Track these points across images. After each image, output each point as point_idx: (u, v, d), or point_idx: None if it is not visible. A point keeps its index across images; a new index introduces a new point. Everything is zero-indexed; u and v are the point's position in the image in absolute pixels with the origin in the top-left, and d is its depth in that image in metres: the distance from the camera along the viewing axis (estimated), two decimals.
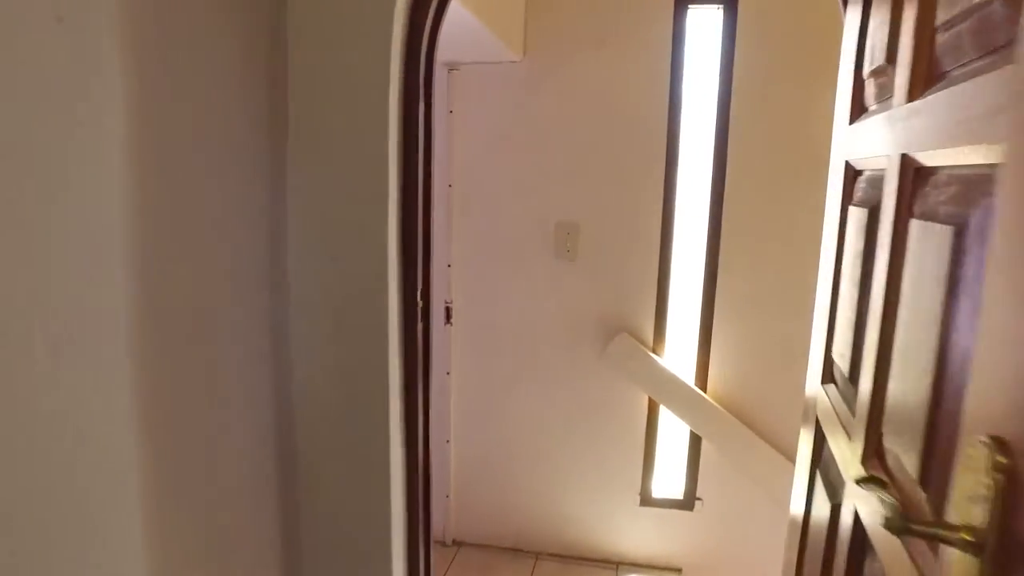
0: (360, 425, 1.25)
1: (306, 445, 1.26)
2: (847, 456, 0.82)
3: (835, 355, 1.00)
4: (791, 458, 2.23)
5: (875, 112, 0.86)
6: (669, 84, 2.10)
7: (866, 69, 0.93)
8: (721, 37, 2.05)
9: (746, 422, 2.20)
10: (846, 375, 0.90)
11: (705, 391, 2.22)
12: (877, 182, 0.82)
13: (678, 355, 2.25)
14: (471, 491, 2.46)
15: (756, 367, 2.18)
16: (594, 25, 2.11)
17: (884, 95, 0.82)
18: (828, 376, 1.04)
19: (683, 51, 2.09)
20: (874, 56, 0.87)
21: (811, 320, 2.13)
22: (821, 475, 1.03)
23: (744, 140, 2.08)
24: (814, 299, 2.10)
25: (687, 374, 2.23)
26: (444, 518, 2.47)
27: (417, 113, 1.23)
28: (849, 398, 0.88)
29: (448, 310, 2.33)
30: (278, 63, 1.16)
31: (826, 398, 1.01)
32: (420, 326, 1.34)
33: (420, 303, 1.34)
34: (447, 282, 2.31)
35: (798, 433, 2.21)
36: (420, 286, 1.35)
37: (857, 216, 0.91)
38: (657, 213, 2.16)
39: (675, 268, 2.20)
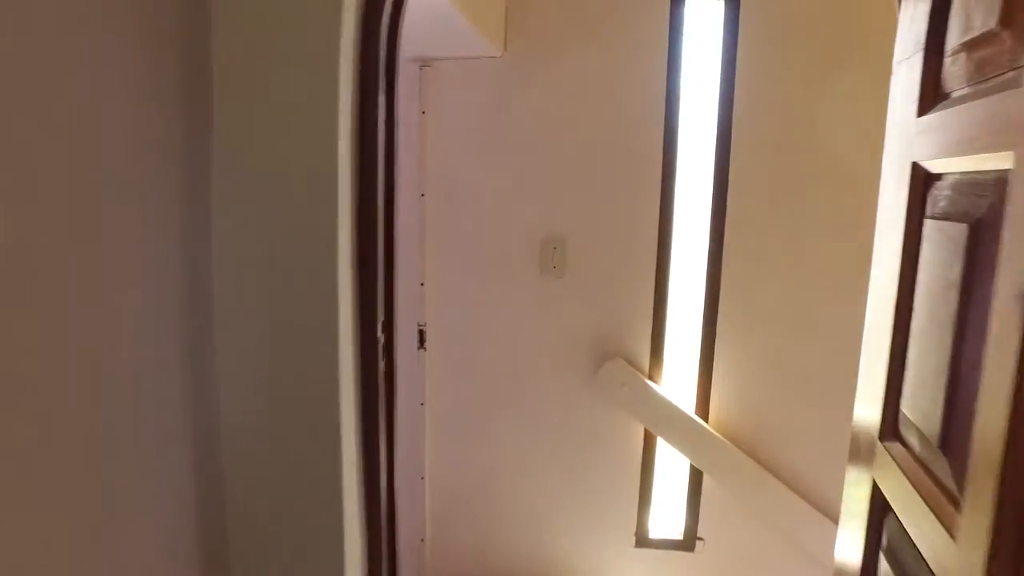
0: (305, 488, 1.01)
1: (237, 524, 1.02)
2: (950, 559, 0.61)
3: (907, 410, 0.78)
4: (802, 494, 2.03)
5: (971, 97, 0.66)
6: (666, 83, 1.90)
7: (951, 43, 0.72)
8: (722, 31, 1.86)
9: (752, 455, 1.99)
10: (934, 442, 0.69)
11: (707, 421, 2.01)
12: (985, 188, 0.61)
13: (677, 381, 2.04)
14: (448, 533, 2.21)
15: (763, 394, 1.97)
16: (583, 17, 1.90)
17: (991, 72, 0.61)
18: (892, 432, 0.83)
19: (680, 46, 1.89)
20: (969, 24, 0.66)
21: (827, 343, 1.94)
22: (887, 558, 0.81)
23: (749, 144, 1.88)
24: (830, 320, 1.92)
25: (687, 402, 2.01)
26: (419, 563, 2.22)
27: (375, 107, 1.01)
28: (941, 472, 0.67)
29: (421, 333, 2.09)
30: (196, 40, 0.92)
31: (891, 461, 0.80)
32: (382, 364, 1.11)
33: (381, 336, 1.11)
34: (420, 302, 2.07)
35: (810, 467, 2.02)
36: (382, 315, 1.12)
37: (942, 233, 0.70)
38: (653, 225, 1.95)
39: (673, 286, 1.99)
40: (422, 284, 2.06)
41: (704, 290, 1.96)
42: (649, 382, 2.00)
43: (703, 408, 2.01)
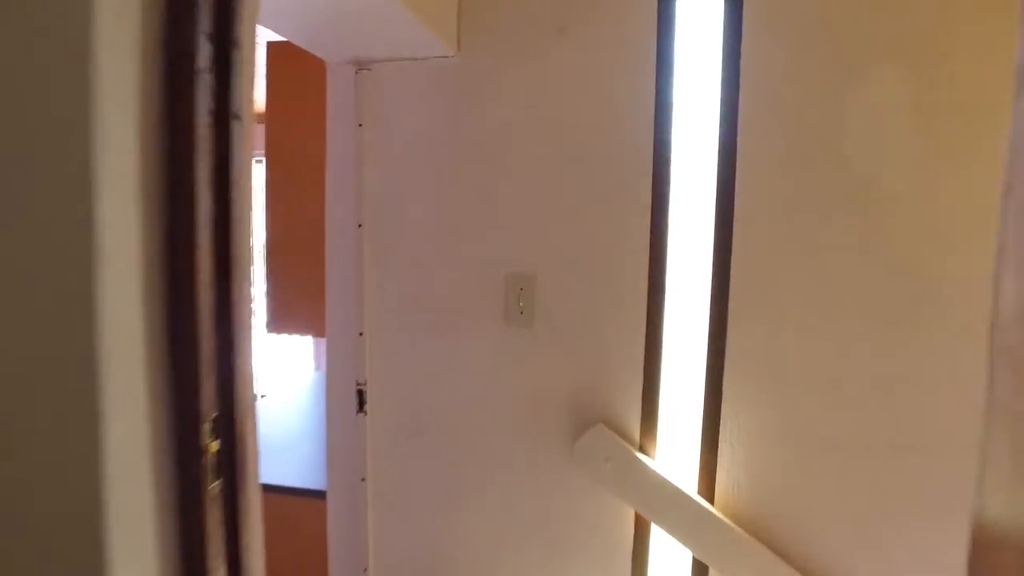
0: None
1: None
2: None
3: None
4: None
5: None
6: (655, 87, 1.55)
7: None
8: (723, 23, 1.52)
9: (768, 543, 1.60)
10: None
11: (711, 502, 1.62)
12: None
13: (674, 453, 1.65)
14: None
15: (781, 469, 1.58)
16: (553, 9, 1.56)
17: None
18: None
19: (672, 43, 1.54)
20: None
21: (860, 406, 1.55)
22: None
23: (758, 161, 1.53)
24: (863, 377, 1.54)
25: (687, 479, 1.62)
26: None
27: (191, 95, 0.63)
28: None
29: (361, 394, 1.70)
30: None
31: None
32: (215, 485, 0.71)
33: (211, 444, 0.71)
34: (359, 357, 1.69)
35: (839, 559, 1.61)
36: (214, 409, 0.72)
37: None
38: (643, 259, 1.59)
39: (668, 334, 1.62)
40: (360, 334, 1.68)
41: (707, 339, 1.59)
42: (640, 455, 1.61)
43: (707, 486, 1.62)
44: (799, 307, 1.53)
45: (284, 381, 6.02)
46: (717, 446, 1.60)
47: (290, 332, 2.02)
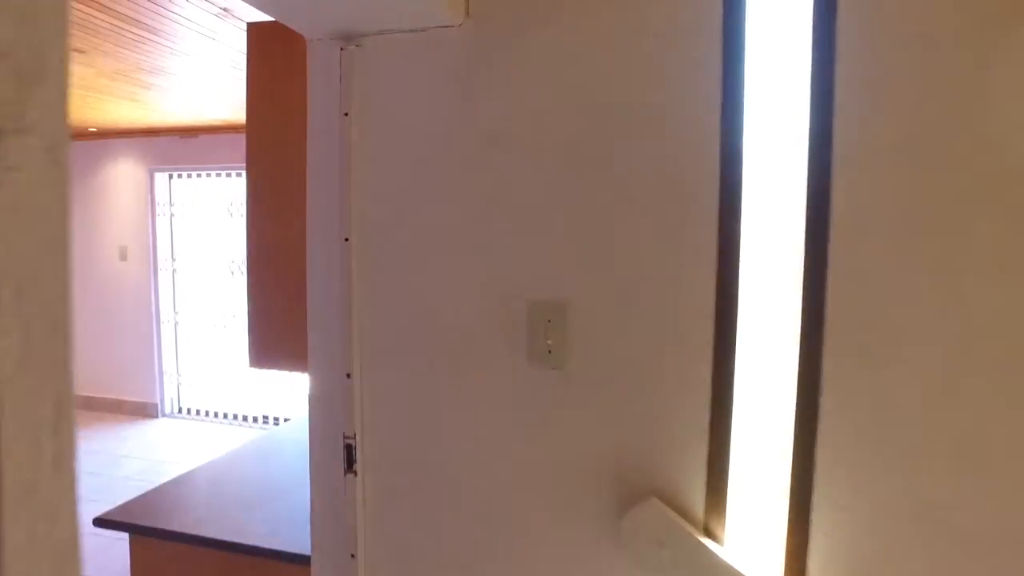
0: None
1: None
2: None
3: None
4: None
5: None
6: (722, 59, 1.19)
7: None
8: None
9: None
10: None
11: None
12: None
13: (750, 540, 1.26)
14: None
15: (897, 569, 1.18)
16: None
17: None
18: None
19: (743, 9, 1.17)
20: None
21: (1011, 483, 1.10)
22: None
23: (863, 150, 1.14)
24: (1017, 445, 1.10)
25: (769, 572, 1.23)
26: None
27: None
28: None
29: (350, 450, 1.37)
30: None
31: None
32: None
33: None
34: (346, 404, 1.36)
35: None
36: None
37: None
38: (708, 283, 1.21)
39: (743, 380, 1.24)
40: (348, 376, 1.34)
41: (795, 391, 1.20)
42: (704, 540, 1.22)
43: None
44: (924, 348, 1.13)
45: (280, 415, 5.77)
46: (808, 533, 1.20)
47: (275, 367, 1.70)
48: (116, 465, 4.99)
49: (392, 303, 1.34)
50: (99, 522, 1.90)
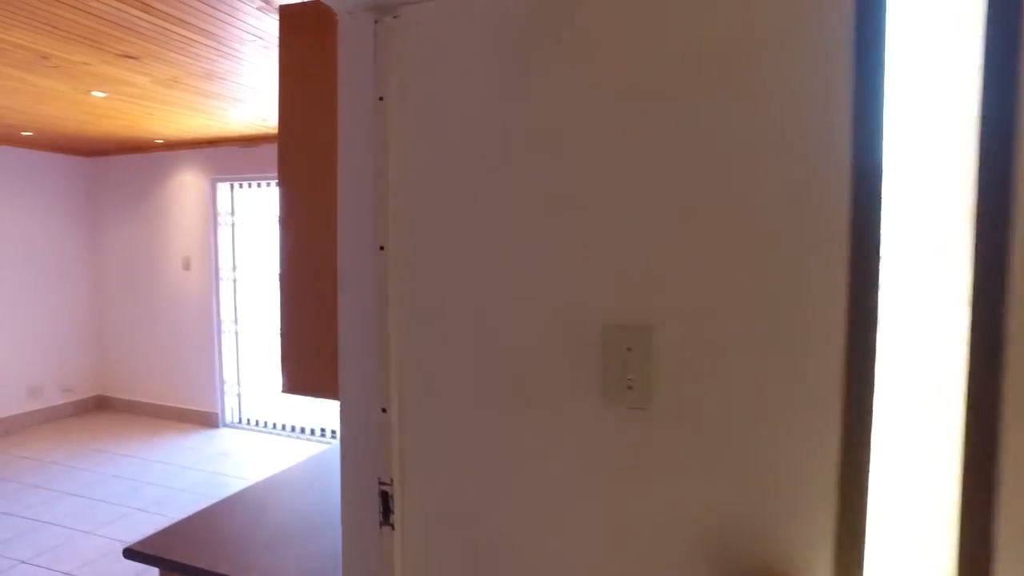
0: None
1: None
2: None
3: None
4: None
5: None
6: (855, 26, 0.91)
7: None
8: None
9: None
10: None
11: None
12: None
13: None
14: None
15: None
16: None
17: None
18: None
19: None
20: None
21: None
22: None
23: None
24: None
25: None
26: None
27: None
28: None
29: (385, 498, 1.15)
30: None
31: None
32: None
33: None
34: (380, 442, 1.14)
35: None
36: None
37: None
38: (836, 307, 0.94)
39: (881, 427, 0.95)
40: (384, 410, 1.13)
41: (961, 448, 0.91)
42: None
43: None
44: None
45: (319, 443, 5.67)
46: None
47: (310, 394, 1.51)
48: (178, 476, 4.98)
49: (436, 325, 1.12)
50: (129, 553, 1.77)
